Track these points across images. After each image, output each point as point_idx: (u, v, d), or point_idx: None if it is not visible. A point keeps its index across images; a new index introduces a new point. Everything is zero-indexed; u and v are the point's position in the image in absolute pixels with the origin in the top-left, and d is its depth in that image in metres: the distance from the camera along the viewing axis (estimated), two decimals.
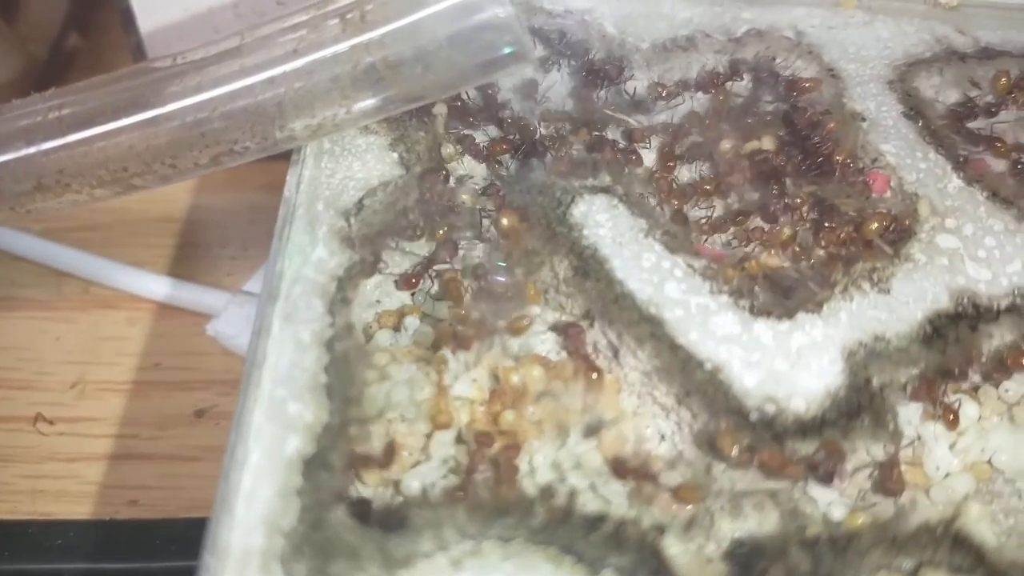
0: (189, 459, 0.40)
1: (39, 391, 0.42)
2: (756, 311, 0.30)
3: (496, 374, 0.31)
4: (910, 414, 0.30)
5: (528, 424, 0.30)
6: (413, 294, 0.34)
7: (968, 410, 0.31)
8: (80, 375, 0.42)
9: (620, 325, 0.30)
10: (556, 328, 0.29)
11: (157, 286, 0.44)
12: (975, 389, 0.32)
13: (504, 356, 0.31)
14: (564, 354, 0.29)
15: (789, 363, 0.29)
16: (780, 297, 0.30)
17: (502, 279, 0.32)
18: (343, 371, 0.28)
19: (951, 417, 0.30)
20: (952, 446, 0.31)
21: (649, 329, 0.29)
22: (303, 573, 0.24)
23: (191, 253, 0.46)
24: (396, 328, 0.32)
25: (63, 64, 0.51)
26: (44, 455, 0.40)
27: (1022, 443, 0.31)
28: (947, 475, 0.30)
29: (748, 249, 0.32)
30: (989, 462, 0.31)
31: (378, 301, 0.33)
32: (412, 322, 0.33)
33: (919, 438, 0.30)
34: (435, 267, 0.31)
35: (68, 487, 0.39)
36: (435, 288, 0.32)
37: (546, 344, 0.32)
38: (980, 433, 0.31)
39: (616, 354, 0.31)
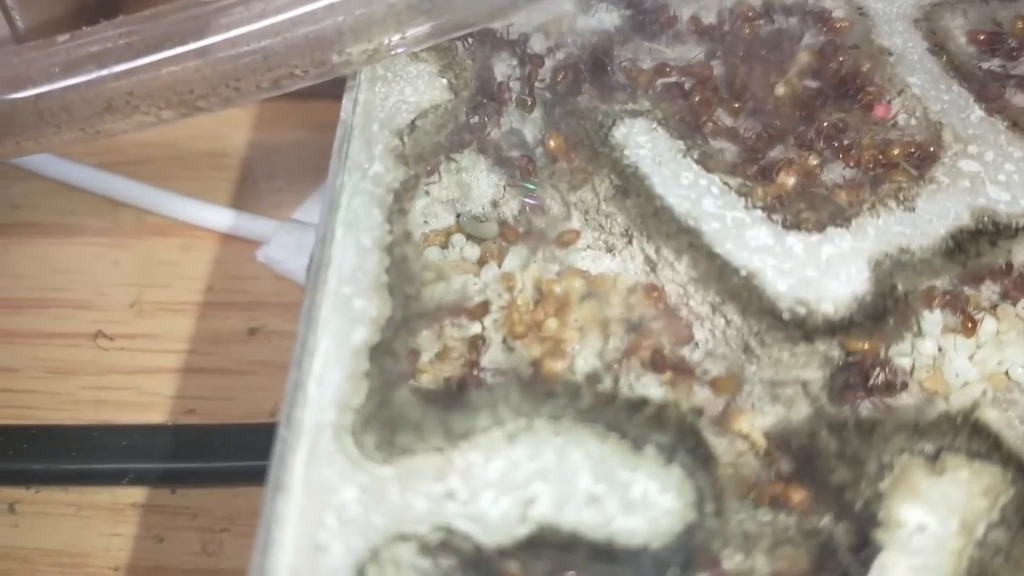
0: (243, 373, 0.42)
1: (98, 310, 0.44)
2: (788, 225, 0.32)
3: (540, 287, 0.33)
4: (931, 327, 0.33)
5: (571, 331, 0.32)
6: (459, 215, 0.36)
7: (987, 325, 0.33)
8: (137, 296, 0.44)
9: (659, 239, 0.33)
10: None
11: (209, 215, 0.46)
12: (994, 307, 0.34)
13: (547, 271, 0.33)
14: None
15: (819, 271, 0.31)
16: (811, 212, 0.32)
17: (534, 201, 0.34)
18: (403, 272, 0.30)
19: (969, 324, 0.32)
20: (971, 357, 0.33)
21: (687, 240, 0.31)
22: (372, 444, 0.27)
23: (239, 186, 0.49)
24: (444, 246, 0.35)
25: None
26: (105, 368, 0.42)
27: None
28: (965, 383, 0.32)
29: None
30: (1006, 373, 0.33)
31: (426, 222, 0.35)
32: (459, 240, 0.35)
33: (940, 350, 0.33)
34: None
35: (128, 398, 0.42)
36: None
37: (586, 261, 0.34)
38: (998, 346, 0.33)
39: (654, 268, 0.33)
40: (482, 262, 0.34)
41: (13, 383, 0.42)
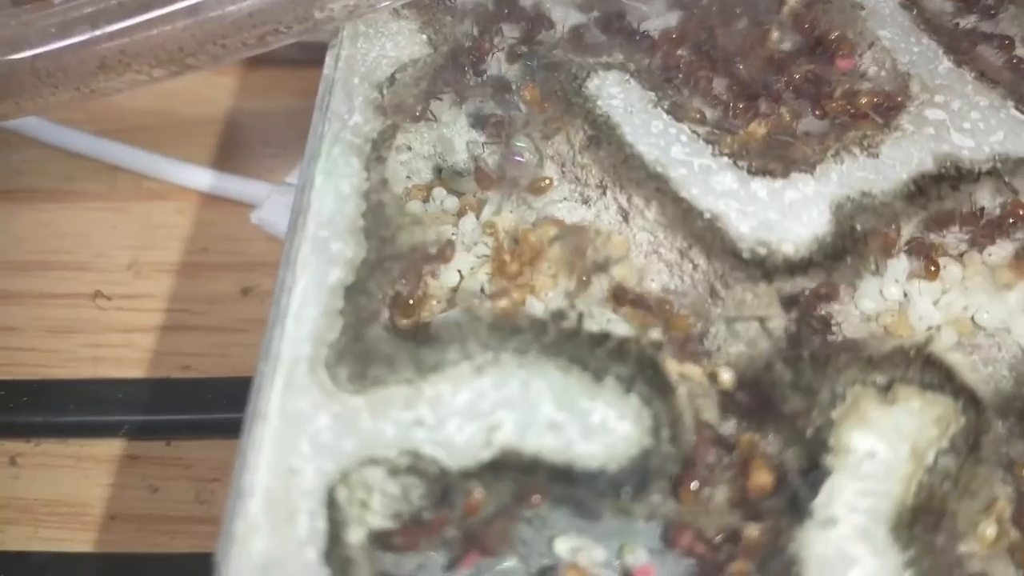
0: (236, 331, 0.44)
1: (97, 272, 0.46)
2: (753, 171, 0.33)
3: (515, 236, 0.34)
4: (897, 273, 0.34)
5: (545, 277, 0.34)
6: (441, 170, 0.37)
7: (953, 272, 0.34)
8: (134, 258, 0.46)
9: (630, 187, 0.34)
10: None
11: (204, 178, 0.48)
12: (961, 255, 0.35)
13: (522, 222, 0.35)
14: None
15: (781, 214, 0.32)
16: (775, 159, 0.33)
17: (521, 159, 0.36)
18: (379, 217, 0.32)
19: (932, 268, 0.33)
20: (936, 302, 0.34)
21: (655, 185, 0.33)
22: (345, 375, 0.28)
23: (233, 152, 0.50)
24: (425, 200, 0.36)
25: None
26: (103, 327, 0.44)
27: (1002, 303, 0.34)
28: (929, 327, 0.33)
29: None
30: (972, 319, 0.34)
31: (408, 177, 0.37)
32: (439, 193, 0.36)
33: (906, 295, 0.34)
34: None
35: (125, 355, 0.43)
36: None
37: (562, 212, 0.36)
38: (963, 292, 0.34)
39: (626, 217, 0.35)
40: (461, 213, 0.36)
41: (14, 341, 0.44)
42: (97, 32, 0.37)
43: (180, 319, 0.44)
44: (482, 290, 0.33)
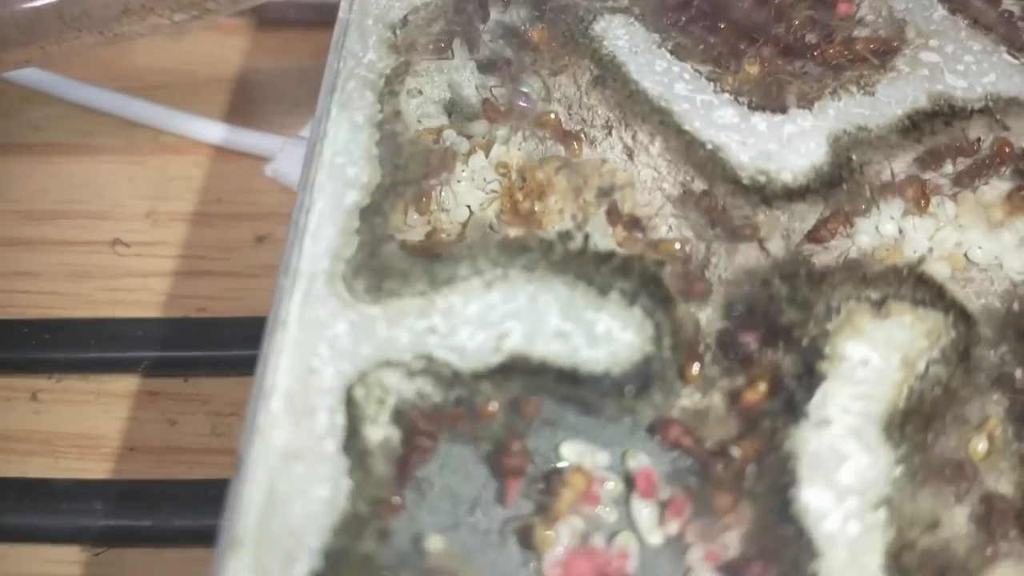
0: (251, 276, 0.45)
1: (116, 220, 0.48)
2: (753, 106, 0.35)
3: (523, 174, 0.36)
4: (893, 210, 0.35)
5: (552, 213, 0.35)
6: (451, 114, 0.39)
7: (947, 209, 0.36)
8: (152, 208, 0.48)
9: (635, 123, 0.35)
10: None
11: (219, 132, 0.49)
12: (955, 195, 0.37)
13: (530, 159, 0.36)
14: None
15: (780, 146, 0.34)
16: (774, 96, 0.35)
17: (526, 104, 0.37)
18: (392, 145, 0.33)
19: (923, 202, 0.35)
20: (930, 238, 0.36)
21: (659, 119, 0.34)
22: (362, 288, 0.30)
23: (247, 108, 0.52)
24: (436, 141, 0.38)
25: None
26: (121, 272, 0.46)
27: (995, 239, 0.35)
28: (923, 259, 0.35)
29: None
30: (965, 255, 0.35)
31: (419, 121, 0.38)
32: (450, 135, 0.38)
33: (901, 232, 0.35)
34: None
35: (143, 298, 0.45)
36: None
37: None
38: (957, 229, 0.36)
39: (631, 155, 0.36)
40: (470, 153, 0.37)
41: (36, 286, 0.45)
42: None
43: (196, 265, 0.46)
44: (491, 227, 0.35)
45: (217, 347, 0.42)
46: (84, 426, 0.41)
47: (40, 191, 0.49)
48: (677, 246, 0.31)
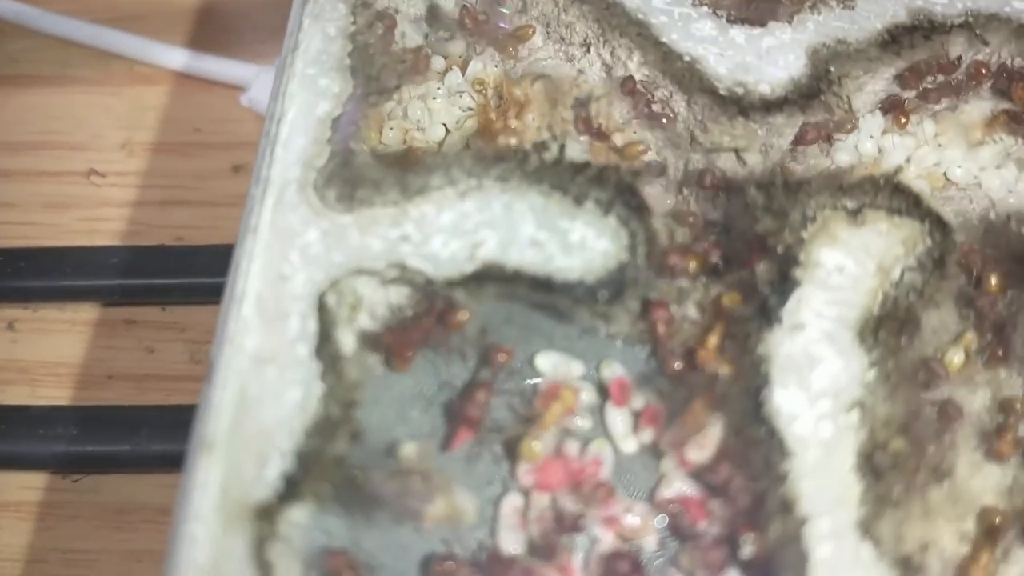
0: (228, 205, 0.45)
1: (92, 151, 0.47)
2: (732, 20, 0.35)
3: (500, 92, 0.36)
4: (872, 128, 0.35)
5: (531, 130, 0.35)
6: (426, 36, 0.39)
7: (927, 128, 0.36)
8: (127, 138, 0.47)
9: (613, 37, 0.35)
10: None
11: (195, 62, 0.49)
12: (934, 114, 0.36)
13: (507, 77, 0.36)
14: None
15: (759, 58, 0.34)
16: (753, 10, 0.35)
17: (505, 25, 0.37)
18: (364, 56, 0.33)
19: (903, 119, 0.34)
20: (909, 158, 0.36)
21: (636, 31, 0.34)
22: (333, 197, 0.30)
23: (222, 38, 0.51)
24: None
25: None
26: (98, 202, 0.46)
27: (974, 159, 0.35)
28: (900, 169, 0.35)
29: None
30: (944, 174, 0.35)
31: (395, 42, 0.38)
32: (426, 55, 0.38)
33: (880, 150, 0.35)
34: None
35: (120, 227, 0.45)
36: None
37: (547, 70, 0.37)
38: (936, 148, 0.36)
39: (609, 72, 0.36)
40: (447, 70, 0.37)
41: (12, 216, 0.45)
42: None
43: (173, 194, 0.46)
44: (467, 145, 0.35)
45: (194, 274, 0.42)
46: (61, 355, 0.41)
47: (16, 122, 0.49)
48: (640, 147, 0.31)
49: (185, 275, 0.42)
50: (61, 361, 0.41)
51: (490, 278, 0.29)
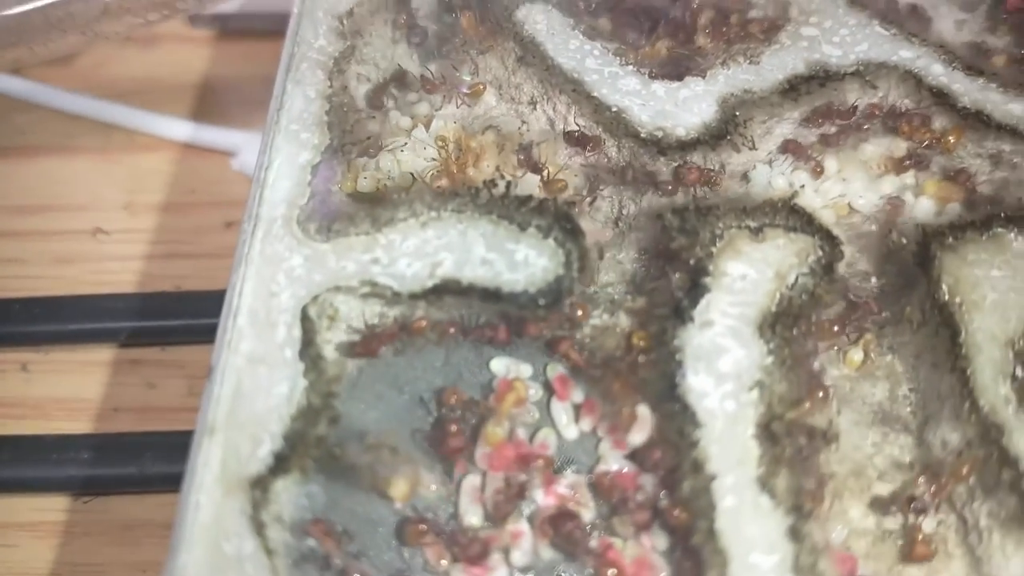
0: (221, 257, 0.51)
1: (96, 211, 0.53)
2: (653, 76, 0.41)
3: (460, 145, 0.42)
4: (783, 167, 0.42)
5: (485, 174, 0.41)
6: (395, 98, 0.45)
7: (830, 164, 0.42)
8: (129, 200, 0.54)
9: (555, 95, 0.42)
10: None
11: (189, 130, 0.56)
12: (837, 153, 0.43)
13: (466, 132, 0.43)
14: None
15: (676, 106, 0.40)
16: (673, 68, 0.42)
17: (464, 89, 0.44)
18: (340, 114, 0.39)
19: (818, 169, 0.41)
20: (816, 191, 0.42)
21: (572, 88, 0.41)
22: (314, 229, 0.36)
23: (214, 109, 0.58)
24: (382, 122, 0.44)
25: None
26: (103, 257, 0.52)
27: (874, 190, 0.42)
28: (795, 193, 0.41)
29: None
30: (848, 204, 0.42)
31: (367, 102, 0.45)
32: (394, 115, 0.44)
33: (791, 185, 0.42)
34: None
35: (123, 279, 0.51)
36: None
37: (499, 121, 0.43)
38: (840, 181, 0.42)
39: (552, 125, 0.43)
40: (413, 128, 0.44)
41: (24, 271, 0.51)
42: None
43: (171, 248, 0.52)
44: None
45: (191, 317, 0.48)
46: (71, 392, 0.47)
47: (26, 188, 0.55)
48: (561, 184, 0.38)
49: (183, 318, 0.48)
50: (70, 397, 0.47)
51: (448, 291, 0.35)
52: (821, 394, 0.33)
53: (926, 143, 0.41)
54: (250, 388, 0.32)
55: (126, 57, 0.59)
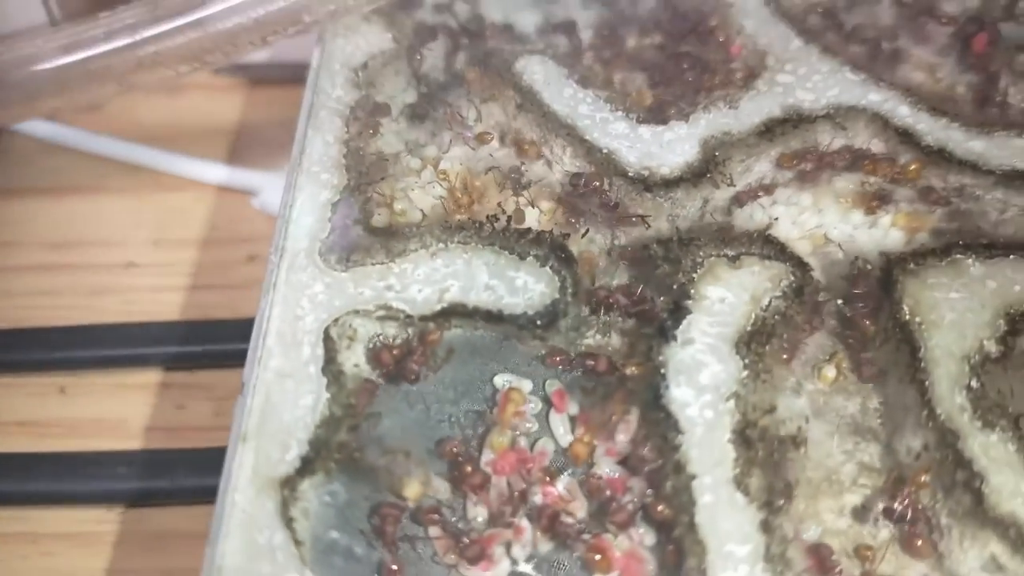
0: (243, 288, 0.55)
1: (127, 247, 0.57)
2: (640, 120, 0.46)
3: (465, 184, 0.47)
4: (765, 203, 0.46)
5: (486, 209, 0.46)
6: (407, 142, 0.50)
7: (804, 199, 0.47)
8: (158, 236, 0.58)
9: (551, 140, 0.46)
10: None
11: (214, 172, 0.60)
12: (814, 188, 0.47)
13: (471, 173, 0.47)
14: None
15: (660, 148, 0.45)
16: (658, 113, 0.46)
17: (469, 134, 0.48)
18: (356, 157, 0.44)
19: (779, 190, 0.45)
20: (793, 222, 0.46)
21: (567, 132, 0.45)
22: (334, 260, 0.40)
23: (239, 151, 0.62)
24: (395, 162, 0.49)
25: None
26: (134, 288, 0.56)
27: (848, 221, 0.46)
28: (770, 225, 0.45)
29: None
30: (824, 235, 0.46)
31: (380, 149, 0.49)
32: (405, 158, 0.49)
33: (771, 217, 0.46)
34: None
35: (153, 308, 0.55)
36: None
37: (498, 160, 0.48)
38: (816, 213, 0.47)
39: (550, 166, 0.47)
40: (422, 168, 0.48)
41: (60, 302, 0.55)
42: (136, 38, 0.49)
43: (198, 280, 0.56)
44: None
45: (217, 343, 0.52)
46: (106, 413, 0.50)
47: (60, 226, 0.59)
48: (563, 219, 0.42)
49: (210, 344, 0.52)
50: (105, 418, 0.50)
51: (455, 313, 0.39)
52: None
53: (891, 178, 0.45)
54: (279, 400, 0.36)
55: (154, 103, 0.63)
